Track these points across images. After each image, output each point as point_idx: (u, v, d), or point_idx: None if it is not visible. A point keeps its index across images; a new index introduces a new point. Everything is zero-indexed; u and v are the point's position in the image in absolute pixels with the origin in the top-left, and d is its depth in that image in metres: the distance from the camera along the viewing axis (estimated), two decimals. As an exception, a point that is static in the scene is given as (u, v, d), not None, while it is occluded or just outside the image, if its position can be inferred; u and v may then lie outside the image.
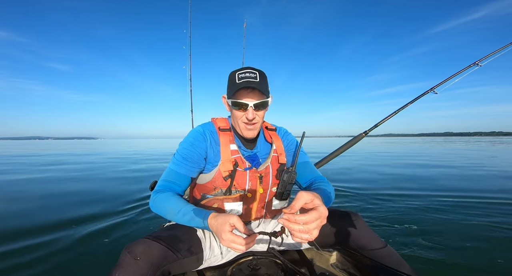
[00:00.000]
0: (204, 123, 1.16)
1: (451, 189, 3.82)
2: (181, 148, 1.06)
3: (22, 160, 9.18)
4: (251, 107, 0.98)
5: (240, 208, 1.07)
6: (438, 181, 4.60)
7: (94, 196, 3.56)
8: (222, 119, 1.16)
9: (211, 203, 1.07)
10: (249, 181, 1.05)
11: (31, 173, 5.86)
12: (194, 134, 1.08)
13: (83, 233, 2.14)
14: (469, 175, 5.18)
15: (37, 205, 3.09)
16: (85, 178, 5.28)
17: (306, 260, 1.15)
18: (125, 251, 0.81)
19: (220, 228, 0.78)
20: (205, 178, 1.08)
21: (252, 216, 1.12)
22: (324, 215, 0.65)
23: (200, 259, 0.96)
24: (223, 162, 1.03)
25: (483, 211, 2.70)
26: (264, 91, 0.97)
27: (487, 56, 1.98)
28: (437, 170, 6.04)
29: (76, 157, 10.57)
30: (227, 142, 1.07)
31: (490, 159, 8.80)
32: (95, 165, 7.67)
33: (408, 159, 8.64)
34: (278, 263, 1.08)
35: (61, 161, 8.69)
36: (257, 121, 1.03)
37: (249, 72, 0.97)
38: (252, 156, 1.12)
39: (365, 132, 2.17)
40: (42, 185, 4.45)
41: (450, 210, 2.75)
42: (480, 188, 3.93)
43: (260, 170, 1.08)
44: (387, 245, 1.05)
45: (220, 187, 1.05)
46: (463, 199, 3.21)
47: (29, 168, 6.75)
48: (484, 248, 1.84)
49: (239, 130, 1.08)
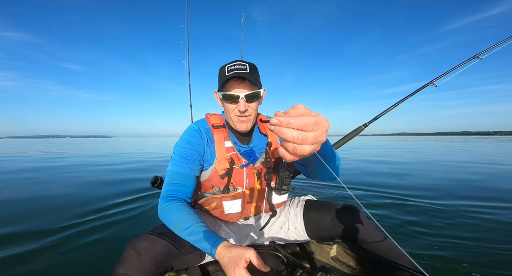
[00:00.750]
0: (198, 121, 1.13)
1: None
2: (178, 148, 1.03)
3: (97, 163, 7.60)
4: (242, 98, 0.95)
5: (239, 206, 1.07)
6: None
7: (92, 192, 3.57)
8: (215, 116, 1.13)
9: (210, 202, 1.06)
10: (247, 178, 1.04)
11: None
12: (190, 132, 1.05)
13: (86, 228, 2.16)
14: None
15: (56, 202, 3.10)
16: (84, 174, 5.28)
17: (306, 253, 1.17)
18: (129, 247, 0.82)
19: (234, 262, 0.73)
20: (202, 176, 1.06)
21: (251, 212, 1.12)
22: (325, 126, 0.45)
23: (203, 254, 0.97)
24: (219, 160, 1.02)
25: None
26: (255, 81, 0.95)
27: (488, 49, 1.96)
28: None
29: (121, 157, 9.79)
30: (222, 139, 1.05)
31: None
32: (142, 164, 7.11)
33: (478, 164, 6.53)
34: (279, 257, 1.10)
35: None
36: (250, 113, 1.00)
37: (238, 64, 0.95)
38: (248, 152, 1.10)
39: (365, 125, 2.16)
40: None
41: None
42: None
43: (257, 166, 1.07)
44: (387, 238, 1.06)
45: (218, 185, 1.04)
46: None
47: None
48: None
49: (232, 124, 1.05)
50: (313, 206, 1.19)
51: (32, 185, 4.07)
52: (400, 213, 2.48)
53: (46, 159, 8.74)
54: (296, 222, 1.17)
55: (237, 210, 1.07)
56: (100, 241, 1.92)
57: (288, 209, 1.22)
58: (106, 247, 1.80)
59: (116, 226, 2.21)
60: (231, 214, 1.07)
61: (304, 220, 1.16)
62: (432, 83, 2.11)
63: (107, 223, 2.29)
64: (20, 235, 2.02)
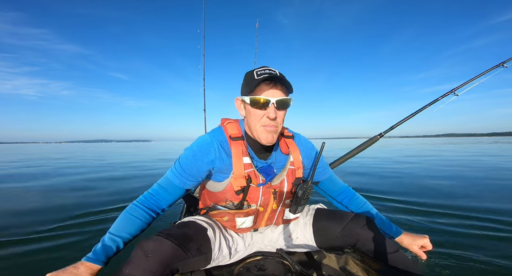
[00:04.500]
0: (213, 131, 1.05)
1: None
2: (183, 156, 0.99)
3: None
4: (273, 103, 0.89)
5: (251, 221, 1.05)
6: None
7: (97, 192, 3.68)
8: (233, 125, 1.05)
9: (222, 216, 1.04)
10: (262, 196, 1.00)
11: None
12: (200, 144, 0.98)
13: (98, 228, 2.23)
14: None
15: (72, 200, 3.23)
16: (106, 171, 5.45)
17: (314, 262, 1.14)
18: (137, 248, 0.84)
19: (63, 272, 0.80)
20: (215, 187, 1.02)
21: (262, 224, 1.11)
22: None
23: (209, 258, 0.97)
24: (236, 177, 0.96)
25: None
26: (288, 86, 0.90)
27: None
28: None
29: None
30: (240, 154, 0.97)
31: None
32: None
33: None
34: (286, 264, 1.08)
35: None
36: (278, 123, 0.93)
37: (268, 69, 0.90)
38: (266, 168, 1.03)
39: (380, 134, 2.12)
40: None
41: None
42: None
43: (274, 184, 1.02)
44: (399, 249, 1.02)
45: (231, 200, 1.01)
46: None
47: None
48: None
49: (256, 135, 0.96)
50: (323, 216, 1.16)
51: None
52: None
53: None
54: (305, 231, 1.15)
55: (249, 225, 1.06)
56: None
57: (298, 218, 1.20)
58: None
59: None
60: (243, 228, 1.07)
61: (314, 230, 1.14)
62: (453, 92, 2.04)
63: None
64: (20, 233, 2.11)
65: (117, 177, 5.25)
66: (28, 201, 3.18)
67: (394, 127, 2.12)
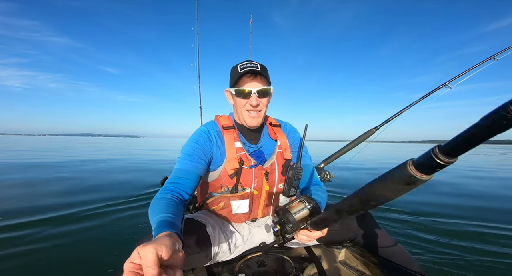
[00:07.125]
0: (208, 123, 1.16)
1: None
2: (185, 147, 1.04)
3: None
4: (255, 93, 1.01)
5: (247, 206, 1.07)
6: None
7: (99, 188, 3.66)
8: (225, 117, 1.16)
9: (218, 202, 1.07)
10: (255, 178, 1.05)
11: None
12: (199, 133, 1.08)
13: (97, 224, 2.22)
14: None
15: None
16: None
17: (314, 256, 1.15)
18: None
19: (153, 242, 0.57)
20: (211, 176, 1.08)
21: (259, 214, 1.12)
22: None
23: (209, 255, 0.97)
24: (229, 160, 1.03)
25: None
26: (266, 78, 1.02)
27: (505, 50, 1.90)
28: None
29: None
30: (232, 139, 1.07)
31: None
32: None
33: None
34: (286, 259, 1.09)
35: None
36: (260, 109, 1.05)
37: (250, 63, 1.02)
38: (257, 153, 1.12)
39: (376, 128, 2.13)
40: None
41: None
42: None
43: (265, 166, 1.08)
44: (397, 243, 1.04)
45: (226, 185, 1.05)
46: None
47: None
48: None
49: (242, 120, 1.08)
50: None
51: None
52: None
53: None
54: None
55: (245, 211, 1.08)
56: (111, 237, 1.96)
57: None
58: (119, 243, 1.84)
59: (128, 222, 2.27)
60: (239, 214, 1.08)
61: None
62: (446, 85, 2.06)
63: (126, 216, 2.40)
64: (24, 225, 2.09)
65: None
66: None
67: (389, 120, 2.14)
